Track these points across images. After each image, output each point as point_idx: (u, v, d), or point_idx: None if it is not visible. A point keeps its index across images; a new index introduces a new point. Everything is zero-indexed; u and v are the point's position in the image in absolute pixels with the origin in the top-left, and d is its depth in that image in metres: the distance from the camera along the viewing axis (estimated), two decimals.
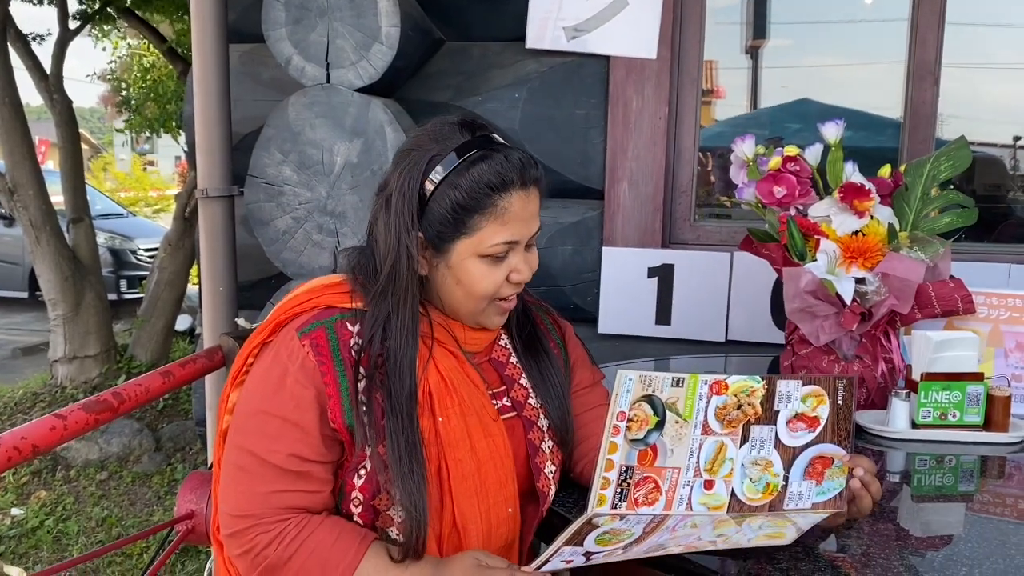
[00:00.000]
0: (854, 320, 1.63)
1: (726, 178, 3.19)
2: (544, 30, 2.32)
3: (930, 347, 1.55)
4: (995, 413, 1.54)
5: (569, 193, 2.35)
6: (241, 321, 1.81)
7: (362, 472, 1.09)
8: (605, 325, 2.35)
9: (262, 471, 1.08)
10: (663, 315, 2.36)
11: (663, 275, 2.34)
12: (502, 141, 1.15)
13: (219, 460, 1.17)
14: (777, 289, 2.31)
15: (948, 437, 1.55)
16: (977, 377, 1.55)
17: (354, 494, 1.10)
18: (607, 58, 2.32)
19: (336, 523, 1.09)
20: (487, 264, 1.14)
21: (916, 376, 1.57)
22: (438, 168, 1.10)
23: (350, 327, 1.12)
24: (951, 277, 1.71)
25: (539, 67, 2.36)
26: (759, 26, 4.29)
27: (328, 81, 2.08)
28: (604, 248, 2.33)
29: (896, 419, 1.56)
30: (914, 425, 1.56)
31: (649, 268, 2.34)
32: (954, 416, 1.55)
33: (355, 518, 1.12)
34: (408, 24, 2.08)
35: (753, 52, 4.44)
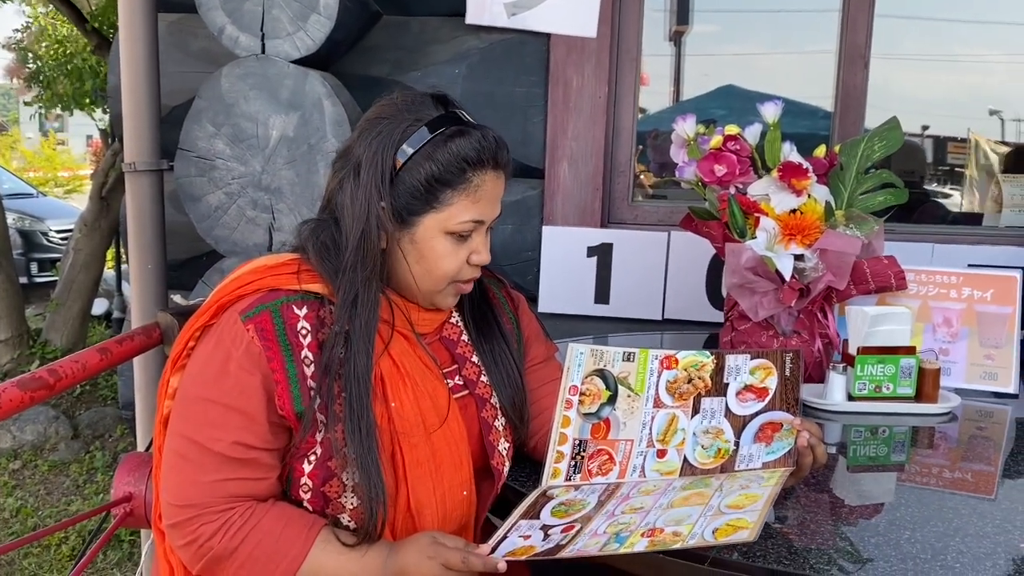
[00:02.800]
0: (793, 296, 1.66)
1: (660, 160, 3.23)
2: (484, 6, 2.29)
3: (866, 322, 1.60)
4: (925, 385, 1.60)
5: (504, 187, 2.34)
6: (177, 298, 1.74)
7: (312, 458, 1.06)
8: (545, 304, 2.35)
9: (205, 459, 1.03)
10: (602, 294, 2.37)
11: (602, 254, 2.35)
12: (473, 121, 1.14)
13: (160, 447, 1.12)
14: (712, 268, 2.35)
15: (882, 409, 1.60)
16: (909, 351, 1.60)
17: (303, 480, 1.07)
18: (548, 36, 2.30)
19: (284, 510, 1.06)
20: (452, 242, 1.12)
21: (852, 350, 1.62)
22: (412, 138, 1.08)
23: (296, 310, 1.08)
24: (884, 255, 1.76)
25: (479, 43, 2.33)
26: (682, 12, 4.34)
27: (263, 52, 2.01)
28: (544, 227, 2.32)
29: (833, 392, 1.61)
30: (850, 398, 1.61)
31: (588, 247, 2.35)
32: (888, 389, 1.60)
33: (304, 504, 1.08)
34: None
35: (677, 39, 4.49)
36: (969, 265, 2.24)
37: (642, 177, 3.00)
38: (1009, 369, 1.71)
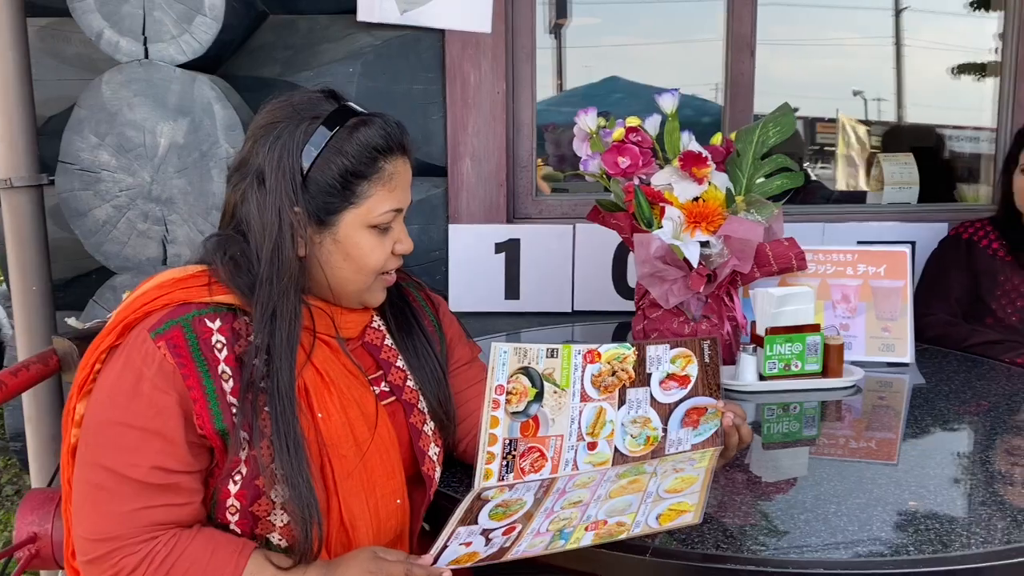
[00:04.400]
0: (701, 282, 1.70)
1: (558, 153, 3.26)
2: (375, 3, 2.25)
3: (773, 303, 1.65)
4: (831, 360, 1.67)
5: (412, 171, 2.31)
6: (72, 321, 1.63)
7: (237, 478, 1.01)
8: (455, 303, 2.33)
9: (122, 488, 0.97)
10: (512, 289, 2.37)
11: (510, 250, 2.35)
12: (366, 110, 1.11)
13: (70, 479, 1.05)
14: (618, 258, 2.38)
15: (792, 386, 1.65)
16: (814, 328, 1.66)
17: (229, 502, 1.02)
18: (442, 32, 2.28)
19: (210, 536, 1.01)
20: (375, 235, 1.10)
21: (760, 331, 1.67)
22: (315, 137, 1.04)
23: (209, 323, 1.02)
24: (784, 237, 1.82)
25: (373, 40, 2.29)
26: (561, 5, 4.39)
27: (147, 57, 1.91)
28: (450, 225, 2.30)
29: (745, 372, 1.65)
30: (761, 377, 1.66)
31: (496, 244, 2.34)
32: (796, 366, 1.66)
33: (232, 527, 1.03)
34: None
35: (557, 31, 4.53)
36: (858, 242, 2.36)
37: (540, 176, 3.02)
38: (905, 340, 1.80)
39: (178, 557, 0.98)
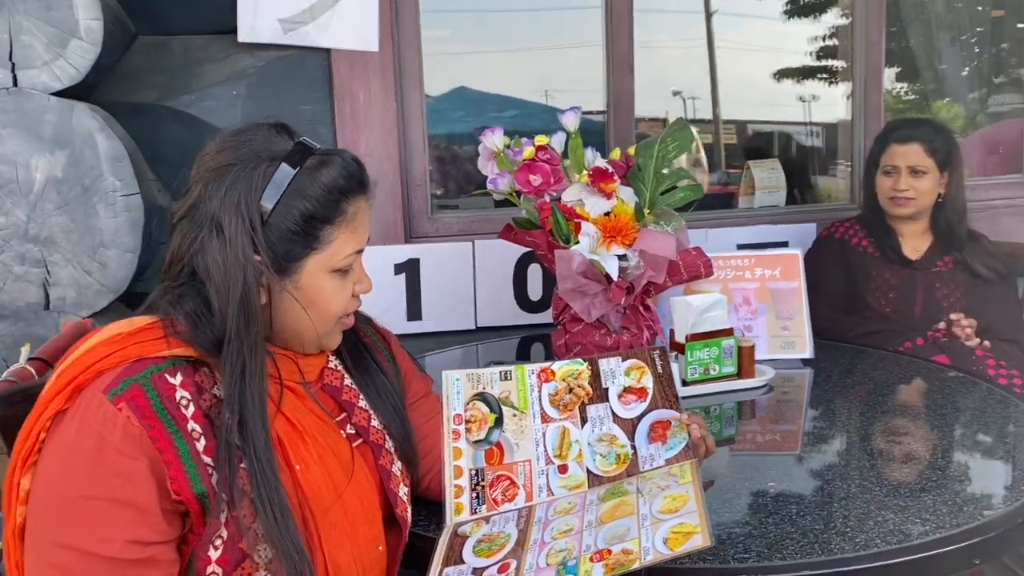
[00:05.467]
0: (622, 294, 1.75)
1: (443, 169, 3.25)
2: (256, 23, 2.16)
3: (692, 312, 1.72)
4: (745, 362, 1.76)
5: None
6: None
7: (218, 542, 0.94)
8: None
9: (93, 567, 0.89)
10: (414, 310, 2.34)
11: (409, 270, 2.33)
12: (320, 146, 1.06)
13: (18, 563, 0.94)
14: (518, 273, 2.41)
15: (712, 389, 1.73)
16: (728, 333, 1.75)
17: (210, 569, 0.95)
18: (328, 51, 2.23)
19: None
20: (338, 279, 1.05)
21: (680, 339, 1.74)
22: (275, 179, 0.99)
23: (170, 379, 0.95)
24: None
25: (256, 62, 2.20)
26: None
27: (15, 84, 1.75)
28: None
29: None
30: (684, 383, 1.72)
31: (395, 264, 2.31)
32: (714, 370, 1.74)
33: None
34: (109, 16, 1.82)
35: None
36: (738, 246, 2.50)
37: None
38: (803, 336, 1.93)
39: None
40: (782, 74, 4.65)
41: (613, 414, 1.21)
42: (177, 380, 0.96)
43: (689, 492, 1.06)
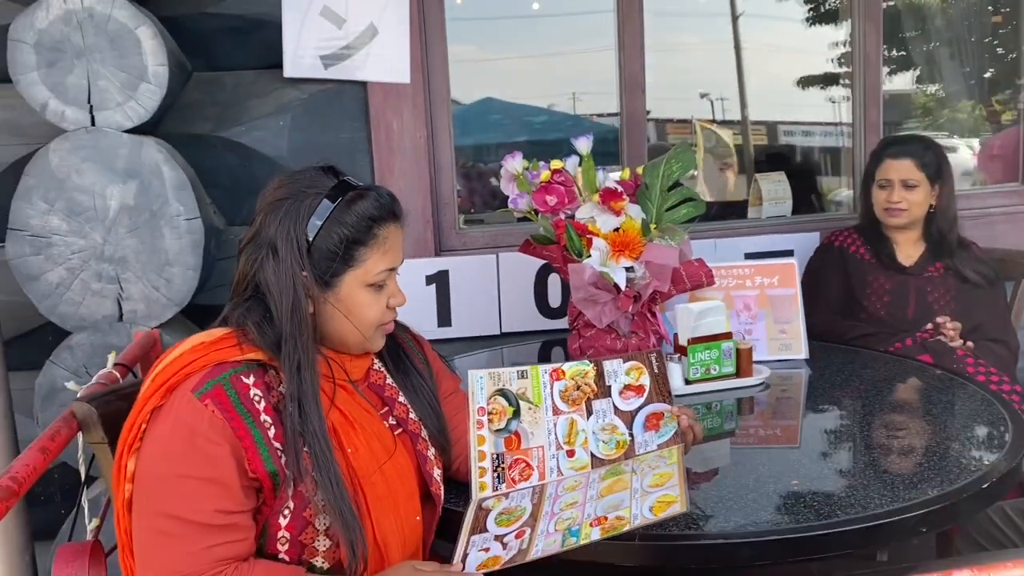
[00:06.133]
0: (629, 302, 1.94)
1: (470, 187, 3.47)
2: (300, 60, 2.40)
3: (692, 317, 1.91)
4: (743, 362, 1.94)
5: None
6: (71, 385, 1.70)
7: (286, 512, 1.16)
8: None
9: (189, 531, 1.11)
10: (444, 317, 2.56)
11: (439, 281, 2.54)
12: (361, 183, 1.28)
13: (127, 529, 1.17)
14: (539, 283, 2.61)
15: (713, 387, 1.92)
16: (727, 336, 1.93)
17: (280, 533, 1.17)
18: (365, 84, 2.45)
19: (267, 566, 1.15)
20: (372, 293, 1.26)
21: (683, 342, 1.93)
22: (318, 211, 1.21)
23: (245, 379, 1.17)
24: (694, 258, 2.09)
25: (300, 95, 2.43)
26: None
27: (93, 124, 1.99)
28: None
29: (673, 379, 1.89)
30: (687, 382, 1.91)
31: (426, 276, 2.53)
32: (715, 370, 1.93)
33: (281, 556, 1.18)
34: (172, 60, 2.06)
35: None
36: (746, 255, 2.68)
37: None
38: (799, 339, 2.11)
39: None
40: (805, 82, 4.79)
41: (614, 407, 1.41)
42: (251, 381, 1.18)
43: (674, 470, 1.26)
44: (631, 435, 1.38)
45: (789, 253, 2.71)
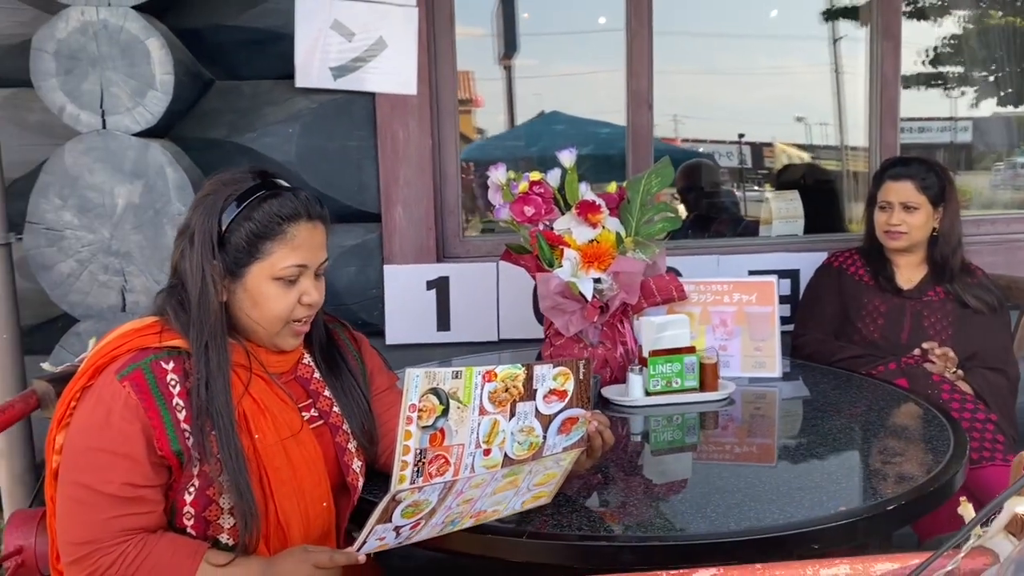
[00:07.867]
0: (595, 313, 1.97)
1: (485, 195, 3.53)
2: (311, 70, 2.51)
3: (653, 329, 1.93)
4: (707, 377, 1.95)
5: (348, 218, 2.57)
6: (46, 365, 1.85)
7: (191, 489, 1.25)
8: (392, 336, 2.59)
9: (98, 501, 1.20)
10: (443, 322, 2.63)
11: (440, 287, 2.62)
12: (288, 185, 1.36)
13: (52, 497, 1.28)
14: (536, 292, 2.65)
15: (674, 400, 1.93)
16: (690, 350, 1.94)
17: (186, 509, 1.26)
18: (373, 94, 2.55)
19: (172, 538, 1.24)
20: (280, 287, 1.33)
21: (645, 354, 1.94)
22: (232, 206, 1.30)
23: (164, 365, 1.26)
24: (669, 270, 2.11)
25: (310, 104, 2.55)
26: (509, 45, 4.68)
27: (104, 127, 2.15)
28: (385, 266, 2.56)
29: (633, 390, 1.92)
30: (647, 393, 1.93)
31: (427, 281, 2.60)
32: (676, 383, 1.94)
33: (188, 530, 1.27)
34: (180, 70, 2.20)
35: (506, 65, 4.84)
36: (749, 272, 2.66)
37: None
38: (774, 357, 2.09)
39: (146, 556, 1.21)
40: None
41: (536, 410, 1.45)
42: (170, 367, 1.27)
43: (559, 471, 1.29)
44: (544, 437, 1.42)
45: (795, 273, 2.69)
